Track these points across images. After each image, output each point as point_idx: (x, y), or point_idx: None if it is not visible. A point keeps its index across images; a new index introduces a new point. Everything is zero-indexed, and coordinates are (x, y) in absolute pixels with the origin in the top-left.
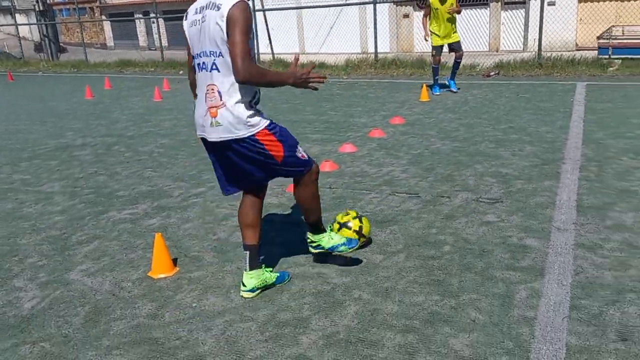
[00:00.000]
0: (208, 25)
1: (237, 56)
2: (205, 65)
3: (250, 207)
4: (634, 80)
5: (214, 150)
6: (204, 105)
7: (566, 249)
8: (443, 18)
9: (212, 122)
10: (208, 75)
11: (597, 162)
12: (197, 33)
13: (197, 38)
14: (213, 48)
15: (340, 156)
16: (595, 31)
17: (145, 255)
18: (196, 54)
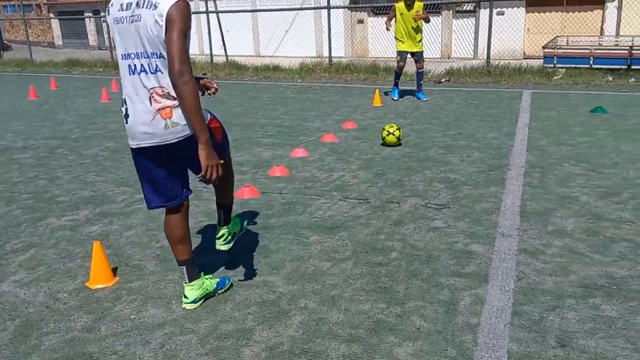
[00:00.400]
0: (145, 24)
1: (173, 56)
2: (144, 67)
3: (178, 220)
4: (576, 89)
5: (159, 156)
6: (149, 109)
7: (509, 254)
8: (408, 26)
9: (167, 124)
10: (150, 77)
11: (541, 168)
12: (127, 32)
13: (128, 38)
14: (154, 49)
15: (292, 161)
16: (542, 41)
17: (83, 265)
18: (125, 54)
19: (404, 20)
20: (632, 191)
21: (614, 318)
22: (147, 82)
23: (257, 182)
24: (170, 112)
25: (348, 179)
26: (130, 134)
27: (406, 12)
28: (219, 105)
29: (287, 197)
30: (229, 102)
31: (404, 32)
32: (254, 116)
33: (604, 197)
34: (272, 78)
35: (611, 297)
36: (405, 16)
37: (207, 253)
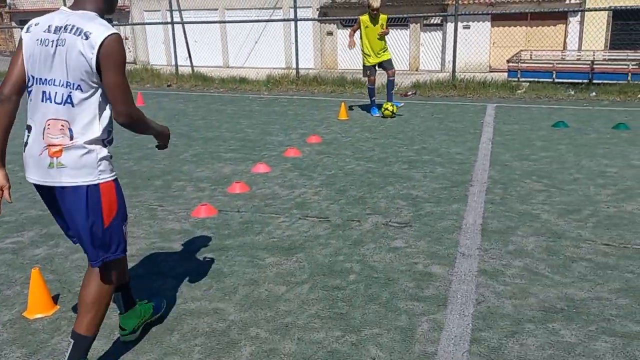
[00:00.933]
0: (68, 52)
1: (121, 100)
2: (51, 96)
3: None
4: (539, 102)
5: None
6: (40, 142)
7: (469, 276)
8: (373, 36)
9: (53, 163)
10: (55, 108)
11: (503, 184)
12: (45, 55)
13: (45, 61)
14: (71, 79)
15: (253, 177)
16: (507, 54)
17: (23, 292)
18: (37, 79)
19: (368, 33)
20: (591, 208)
21: (573, 344)
22: (48, 111)
23: (215, 200)
24: (60, 150)
25: (309, 196)
26: (25, 164)
27: (371, 26)
28: (182, 118)
29: (245, 215)
30: (192, 115)
31: (369, 45)
32: (217, 129)
33: (565, 215)
34: (238, 90)
35: (570, 321)
36: (370, 29)
37: (157, 278)
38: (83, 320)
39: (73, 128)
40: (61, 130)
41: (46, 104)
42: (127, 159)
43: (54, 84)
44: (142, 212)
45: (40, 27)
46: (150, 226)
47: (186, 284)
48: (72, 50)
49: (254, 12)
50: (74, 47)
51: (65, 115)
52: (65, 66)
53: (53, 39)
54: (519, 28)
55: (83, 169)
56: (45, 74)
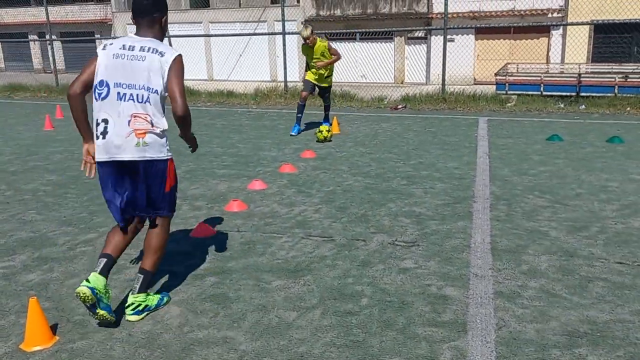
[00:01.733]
0: (150, 65)
1: (180, 97)
2: (135, 96)
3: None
4: (529, 115)
5: (121, 169)
6: (125, 128)
7: (486, 298)
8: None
9: (139, 143)
10: (137, 105)
11: (506, 200)
12: (122, 66)
13: (124, 70)
14: (151, 85)
15: (250, 194)
16: (491, 67)
17: (18, 321)
18: (118, 83)
19: (312, 60)
20: (599, 225)
21: None
22: (131, 108)
23: (212, 219)
24: (144, 134)
25: (310, 214)
26: (104, 148)
27: (309, 53)
28: (173, 131)
29: (245, 235)
30: None
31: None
32: (208, 144)
33: (573, 232)
34: (226, 104)
35: (596, 345)
36: (310, 56)
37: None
38: (149, 261)
39: (153, 119)
40: (145, 119)
41: (127, 102)
42: None
43: (135, 87)
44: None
45: (114, 46)
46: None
47: (191, 310)
48: (152, 64)
49: (238, 26)
50: (153, 62)
51: (146, 110)
52: (147, 75)
53: (128, 54)
54: (502, 41)
55: (159, 147)
56: (122, 80)
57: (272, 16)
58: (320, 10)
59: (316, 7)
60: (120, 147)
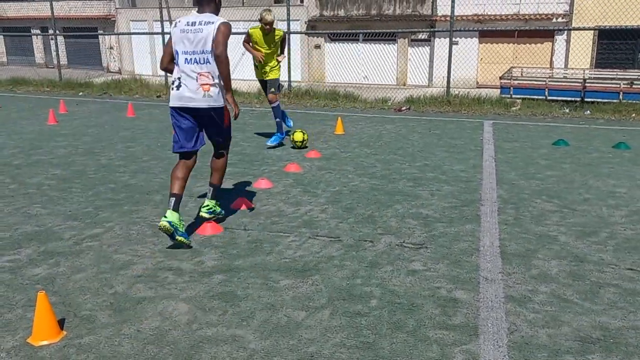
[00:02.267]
0: (205, 34)
1: (221, 44)
2: (198, 59)
3: (184, 167)
4: (534, 120)
5: (192, 115)
6: (195, 84)
7: (497, 302)
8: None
9: (205, 94)
10: (200, 65)
11: (514, 204)
12: (188, 38)
13: (189, 41)
14: (207, 48)
15: (255, 193)
16: (495, 70)
17: (25, 315)
18: (184, 51)
19: (262, 46)
20: (608, 230)
21: None
22: (198, 68)
23: (219, 217)
24: (208, 87)
25: (316, 214)
26: (178, 97)
27: (262, 43)
28: None
29: (252, 234)
30: None
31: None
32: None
33: (583, 237)
34: None
35: (610, 352)
36: (261, 43)
37: (168, 300)
38: (216, 177)
39: (213, 75)
40: (207, 77)
41: (192, 64)
42: (122, 172)
43: (197, 53)
44: (144, 229)
45: (182, 23)
46: (154, 244)
47: (199, 307)
48: (207, 34)
49: (242, 24)
50: (208, 32)
51: (209, 69)
52: (204, 42)
53: (191, 29)
54: (506, 45)
55: (218, 97)
56: (190, 48)
57: (276, 16)
58: (324, 10)
59: (320, 7)
60: (191, 98)
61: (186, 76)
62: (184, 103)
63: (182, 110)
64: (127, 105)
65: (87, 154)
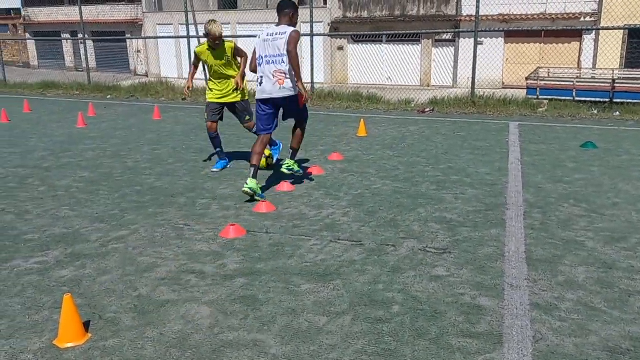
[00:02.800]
0: (281, 42)
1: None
2: (275, 60)
3: (262, 143)
4: (562, 121)
5: (272, 104)
6: (272, 80)
7: (522, 310)
8: (220, 70)
9: (280, 88)
10: (277, 65)
11: (540, 208)
12: (268, 45)
13: (269, 48)
14: (282, 52)
15: (278, 196)
16: (521, 71)
17: (52, 317)
18: (265, 55)
19: (213, 65)
20: (638, 236)
21: None
22: (274, 67)
23: (241, 220)
24: (283, 81)
25: (338, 217)
26: (260, 92)
27: (212, 59)
28: (200, 133)
29: (274, 237)
30: None
31: (212, 76)
32: (236, 145)
33: (611, 243)
34: (253, 104)
35: None
36: (212, 61)
37: (191, 304)
38: (296, 142)
39: (286, 72)
40: (282, 73)
41: (270, 65)
42: (148, 174)
43: (275, 56)
44: (168, 232)
45: (263, 35)
46: (178, 247)
47: (221, 311)
48: (282, 41)
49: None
50: (284, 40)
51: (283, 67)
52: (281, 47)
53: (271, 38)
54: (532, 45)
55: (292, 87)
56: (269, 53)
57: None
58: (347, 12)
59: (343, 9)
60: (270, 91)
61: (266, 75)
62: (265, 96)
63: (264, 101)
64: (154, 108)
65: (114, 157)
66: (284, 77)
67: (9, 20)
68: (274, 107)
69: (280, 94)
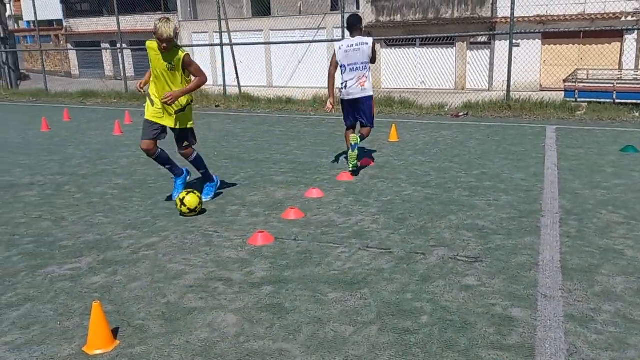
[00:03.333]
0: (363, 51)
1: (375, 54)
2: (358, 67)
3: (351, 132)
4: (601, 125)
5: (354, 103)
6: (356, 83)
7: (556, 321)
8: (162, 73)
9: (361, 89)
10: (359, 71)
11: (577, 215)
12: (352, 54)
13: (352, 56)
14: (365, 60)
15: (306, 202)
16: (559, 73)
17: (82, 324)
18: (348, 64)
19: (156, 66)
20: None
21: None
22: (358, 72)
23: (270, 227)
24: (364, 83)
25: (367, 224)
26: (346, 94)
27: (158, 60)
28: (231, 140)
29: (302, 244)
30: (242, 136)
31: (154, 87)
32: (267, 151)
33: None
34: (285, 110)
35: None
36: (158, 63)
37: (218, 311)
38: (365, 132)
39: (368, 76)
40: (364, 77)
41: (355, 71)
42: None
43: (358, 63)
44: (198, 239)
45: (344, 46)
46: (207, 254)
47: (247, 319)
48: (364, 49)
49: (298, 33)
50: (365, 49)
51: (364, 72)
52: (362, 55)
53: (352, 48)
54: (571, 46)
55: (370, 88)
56: (352, 61)
57: (332, 23)
58: (380, 16)
59: (376, 13)
60: (353, 93)
61: (350, 80)
62: (349, 97)
63: (349, 101)
64: None
65: (148, 164)
66: (365, 80)
67: (52, 31)
68: (355, 105)
69: (361, 95)
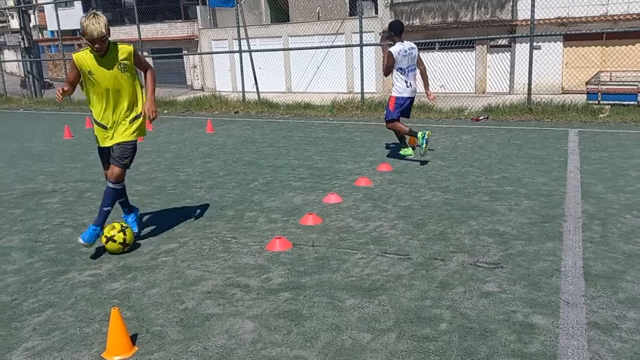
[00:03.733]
0: (414, 55)
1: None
2: (413, 68)
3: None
4: (625, 127)
5: (411, 100)
6: (415, 82)
7: (578, 329)
8: (106, 85)
9: (415, 89)
10: (414, 73)
11: (600, 220)
12: (407, 58)
13: (409, 60)
14: (415, 63)
15: (325, 208)
16: (581, 75)
17: (101, 330)
18: (406, 66)
19: (97, 79)
20: None
21: None
22: (413, 74)
23: (288, 232)
24: (417, 83)
25: (385, 230)
26: (410, 92)
27: (98, 70)
28: (250, 145)
29: (320, 250)
30: (260, 142)
31: (97, 104)
32: (285, 157)
33: None
34: (303, 116)
35: None
36: (99, 77)
37: (235, 318)
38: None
39: (417, 77)
40: (415, 78)
41: (412, 72)
42: (199, 187)
43: (412, 65)
44: (216, 245)
45: (402, 50)
46: (225, 260)
47: (265, 326)
48: (415, 54)
49: (317, 38)
50: (415, 52)
51: (416, 73)
52: (414, 59)
53: (408, 53)
54: (593, 48)
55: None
56: (407, 64)
57: (350, 28)
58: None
59: (394, 17)
60: (413, 91)
61: (411, 80)
62: (410, 95)
63: (411, 98)
64: (207, 122)
65: (168, 170)
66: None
67: (75, 40)
68: (410, 102)
69: (414, 93)
